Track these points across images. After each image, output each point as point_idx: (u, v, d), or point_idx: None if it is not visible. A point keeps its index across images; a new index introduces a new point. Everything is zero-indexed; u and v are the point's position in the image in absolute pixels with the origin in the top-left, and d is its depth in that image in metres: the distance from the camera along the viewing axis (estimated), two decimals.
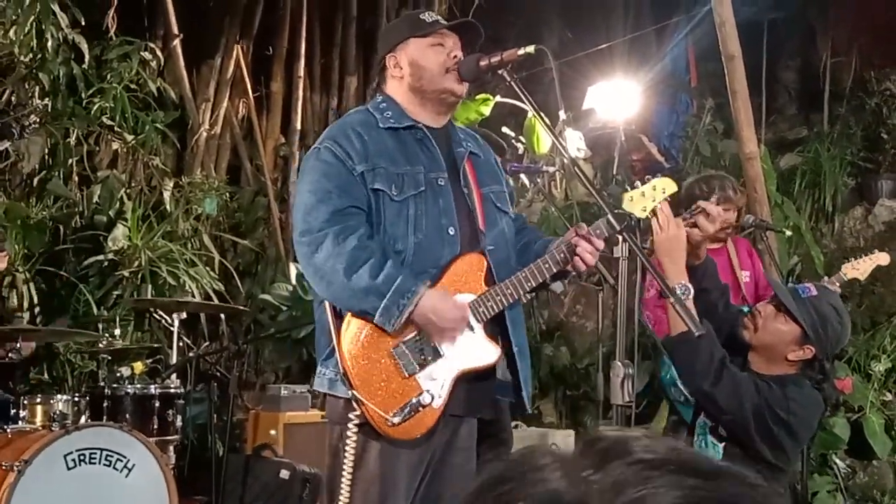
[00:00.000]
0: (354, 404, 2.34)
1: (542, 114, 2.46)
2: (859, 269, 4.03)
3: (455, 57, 2.50)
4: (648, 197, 2.52)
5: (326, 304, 2.42)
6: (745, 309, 4.12)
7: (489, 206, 2.57)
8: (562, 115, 2.48)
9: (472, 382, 2.46)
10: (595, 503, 0.51)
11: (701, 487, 0.51)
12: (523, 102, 2.48)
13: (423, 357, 2.39)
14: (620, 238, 2.31)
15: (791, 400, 2.47)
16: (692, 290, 2.51)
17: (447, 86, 2.49)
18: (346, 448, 2.36)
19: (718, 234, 4.11)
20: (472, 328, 2.44)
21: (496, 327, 2.50)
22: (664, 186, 2.54)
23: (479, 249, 2.49)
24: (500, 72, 2.43)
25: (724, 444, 2.57)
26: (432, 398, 2.38)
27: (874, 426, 5.37)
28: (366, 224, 2.40)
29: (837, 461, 5.31)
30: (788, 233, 5.33)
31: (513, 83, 2.41)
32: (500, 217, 2.60)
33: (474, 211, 2.52)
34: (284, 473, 4.21)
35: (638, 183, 2.56)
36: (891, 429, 5.53)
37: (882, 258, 4.09)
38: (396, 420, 2.34)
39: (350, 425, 2.35)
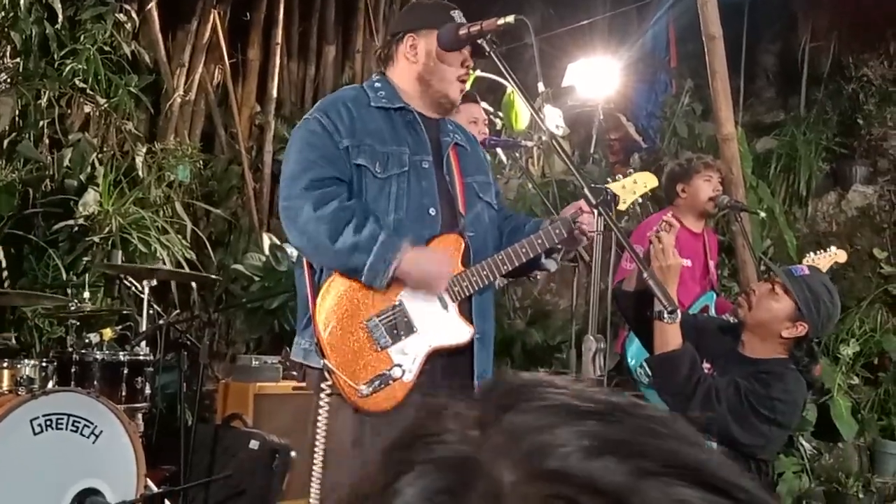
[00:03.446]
0: (326, 374, 2.37)
1: (520, 86, 2.45)
2: (819, 263, 4.08)
3: (467, 69, 2.56)
4: (629, 190, 2.56)
5: (306, 274, 2.45)
6: (713, 295, 4.20)
7: (471, 194, 2.60)
8: (541, 87, 2.47)
9: (444, 361, 2.48)
10: (487, 461, 0.47)
11: (599, 429, 0.47)
12: (502, 77, 2.47)
13: (395, 331, 2.42)
14: (596, 213, 2.31)
15: (776, 400, 2.52)
16: (679, 314, 2.57)
17: (451, 93, 2.55)
18: (319, 418, 2.38)
19: (706, 205, 4.17)
20: (445, 306, 2.45)
21: (470, 310, 2.52)
22: (645, 180, 2.58)
23: (458, 231, 2.50)
24: (479, 41, 2.42)
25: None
26: (403, 372, 2.40)
27: (840, 409, 5.45)
28: (346, 194, 2.41)
29: (804, 443, 5.38)
30: (762, 215, 5.36)
31: (492, 53, 2.40)
32: (482, 206, 2.63)
33: (455, 197, 2.55)
34: (254, 444, 4.18)
35: (619, 176, 2.58)
36: (857, 412, 5.61)
37: (840, 255, 4.16)
38: (366, 391, 2.36)
39: (322, 395, 2.37)
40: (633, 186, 2.57)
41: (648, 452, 0.46)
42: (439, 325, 2.44)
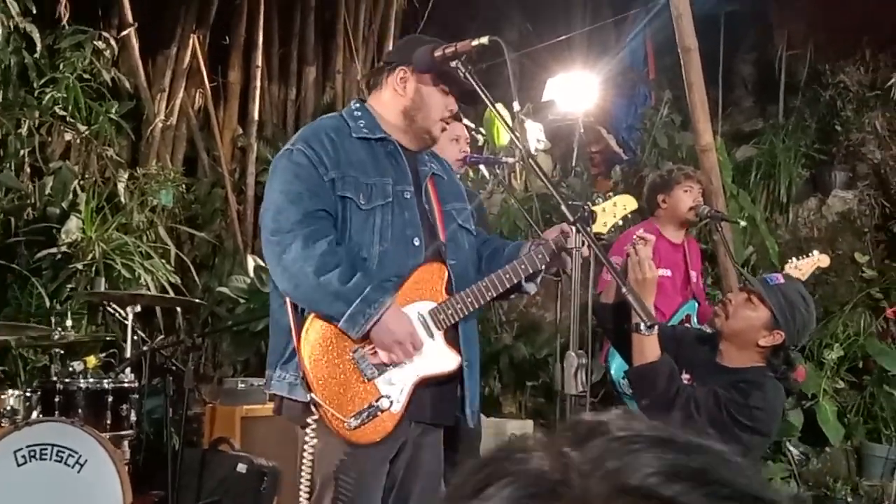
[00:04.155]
0: (313, 407, 2.35)
1: (496, 106, 2.47)
2: (801, 269, 4.12)
3: (451, 111, 2.58)
4: (609, 213, 2.59)
5: (289, 306, 2.43)
6: (695, 304, 4.23)
7: (450, 222, 2.62)
8: (516, 106, 2.49)
9: (433, 389, 2.48)
10: (575, 476, 0.53)
11: (678, 459, 0.53)
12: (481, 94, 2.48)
13: (382, 362, 2.40)
14: (574, 229, 2.33)
15: (754, 408, 2.55)
16: (656, 327, 2.60)
17: (434, 132, 2.56)
18: (305, 451, 2.37)
19: (687, 215, 4.21)
20: (432, 335, 2.46)
21: (457, 338, 2.53)
22: (625, 203, 2.61)
23: (441, 259, 2.51)
24: (453, 63, 2.43)
25: None
26: (391, 403, 2.39)
27: (827, 413, 5.48)
28: (334, 229, 2.41)
29: (791, 448, 5.41)
30: (743, 223, 5.40)
31: (466, 75, 2.41)
32: (462, 234, 2.64)
33: (436, 226, 2.56)
34: (242, 467, 4.17)
35: (599, 199, 2.61)
36: (843, 416, 5.64)
37: (823, 260, 4.18)
38: (354, 423, 2.35)
39: (308, 430, 2.36)
40: (612, 209, 2.60)
41: (724, 482, 0.52)
42: (426, 353, 2.44)
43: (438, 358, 2.47)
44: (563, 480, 0.53)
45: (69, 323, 4.34)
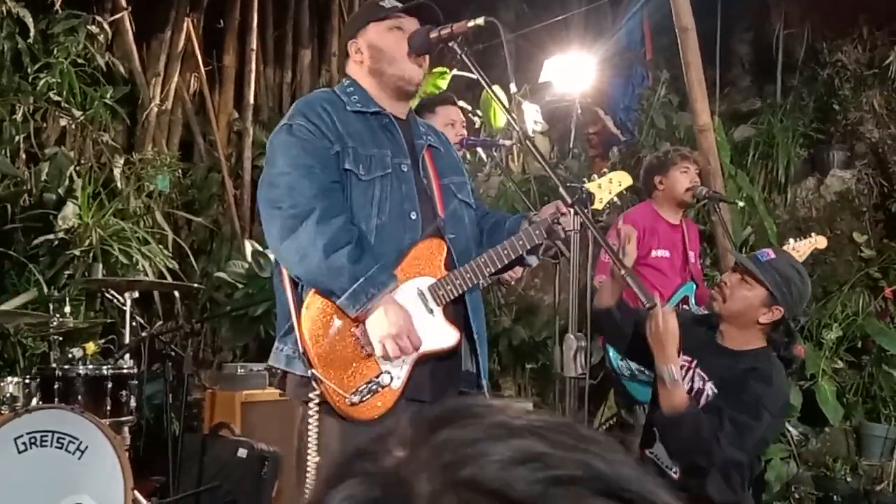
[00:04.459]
0: (314, 383, 2.34)
1: (492, 87, 2.46)
2: (798, 251, 4.14)
3: (410, 36, 2.50)
4: (605, 189, 2.58)
5: (286, 281, 2.42)
6: (693, 286, 4.23)
7: (449, 196, 2.59)
8: (512, 87, 2.48)
9: (432, 366, 2.47)
10: (408, 474, 0.51)
11: (519, 446, 0.50)
12: (478, 75, 2.46)
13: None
14: (572, 212, 2.32)
15: (763, 408, 2.54)
16: (677, 375, 2.58)
17: (406, 72, 2.51)
18: (309, 427, 2.36)
19: (684, 196, 4.21)
20: (431, 311, 2.44)
21: (457, 313, 2.51)
22: (620, 179, 2.61)
23: (440, 234, 2.50)
24: (450, 44, 2.42)
25: None
26: (391, 379, 2.39)
27: (826, 393, 5.48)
28: (346, 203, 2.40)
29: (790, 428, 5.41)
30: (741, 204, 5.40)
31: (463, 56, 2.39)
32: (461, 207, 2.62)
33: (434, 199, 2.54)
34: (242, 452, 4.18)
35: (595, 176, 2.60)
36: (842, 396, 5.65)
37: (820, 241, 4.21)
38: (355, 399, 2.34)
39: (311, 405, 2.36)
40: (608, 186, 2.59)
41: (564, 464, 0.49)
42: (425, 330, 2.42)
43: (438, 334, 2.45)
44: (396, 482, 0.51)
45: (67, 309, 4.34)
